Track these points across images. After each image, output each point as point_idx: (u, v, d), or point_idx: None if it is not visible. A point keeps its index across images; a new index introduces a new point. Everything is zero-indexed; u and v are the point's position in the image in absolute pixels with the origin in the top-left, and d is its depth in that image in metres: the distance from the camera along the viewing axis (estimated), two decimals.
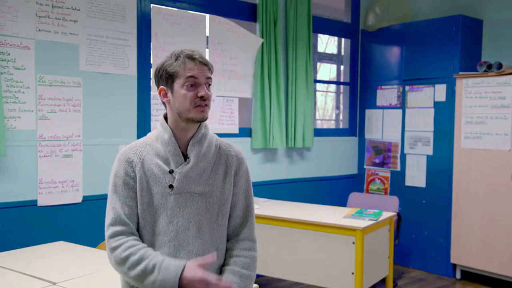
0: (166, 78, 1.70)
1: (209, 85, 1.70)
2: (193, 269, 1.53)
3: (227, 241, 1.81)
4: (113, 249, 1.64)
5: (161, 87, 1.72)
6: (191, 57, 1.67)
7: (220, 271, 1.78)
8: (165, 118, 1.76)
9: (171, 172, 1.69)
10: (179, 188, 1.68)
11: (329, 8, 6.39)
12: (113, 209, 1.68)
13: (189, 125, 1.70)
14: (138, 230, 1.73)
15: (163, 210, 1.68)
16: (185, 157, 1.71)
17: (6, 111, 3.11)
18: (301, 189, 4.86)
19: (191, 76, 1.65)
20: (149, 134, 1.79)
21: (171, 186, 1.68)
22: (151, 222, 1.69)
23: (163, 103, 1.74)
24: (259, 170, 4.51)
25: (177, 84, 1.67)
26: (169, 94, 1.71)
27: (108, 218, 1.68)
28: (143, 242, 1.72)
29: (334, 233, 3.32)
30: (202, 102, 1.65)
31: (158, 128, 1.74)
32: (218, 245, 1.76)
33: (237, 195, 1.79)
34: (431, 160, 4.78)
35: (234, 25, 4.30)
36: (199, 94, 1.65)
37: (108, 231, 1.67)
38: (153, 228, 1.70)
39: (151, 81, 3.79)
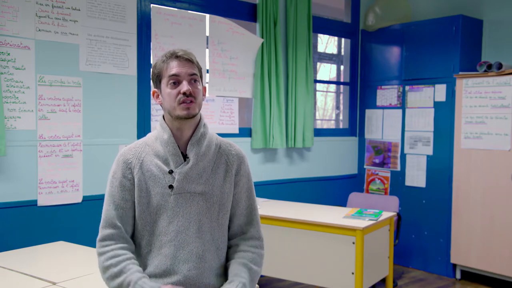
0: (155, 79, 1.73)
1: (195, 80, 1.69)
2: None
3: (233, 238, 1.81)
4: (99, 254, 1.66)
5: (153, 89, 1.75)
6: (173, 55, 1.68)
7: (222, 270, 1.78)
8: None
9: (170, 172, 1.69)
10: (179, 188, 1.68)
11: (329, 8, 6.39)
12: (106, 211, 1.70)
13: (183, 124, 1.70)
14: (136, 231, 1.73)
15: (163, 211, 1.68)
16: (185, 157, 1.71)
17: (6, 111, 3.11)
18: (301, 189, 4.86)
19: (172, 74, 1.66)
20: (149, 135, 1.80)
21: (171, 187, 1.68)
22: (151, 223, 1.69)
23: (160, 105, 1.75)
24: (259, 170, 4.51)
25: (163, 84, 1.70)
26: (160, 96, 1.73)
27: (102, 219, 1.70)
28: (142, 243, 1.72)
29: (334, 233, 3.32)
30: (187, 99, 1.65)
31: (158, 129, 1.75)
32: (219, 244, 1.76)
33: (239, 194, 1.79)
34: (431, 160, 4.78)
35: (234, 25, 4.30)
36: (182, 91, 1.65)
37: (99, 234, 1.69)
38: (153, 229, 1.70)
39: (151, 81, 3.78)
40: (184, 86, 1.65)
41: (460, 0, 4.88)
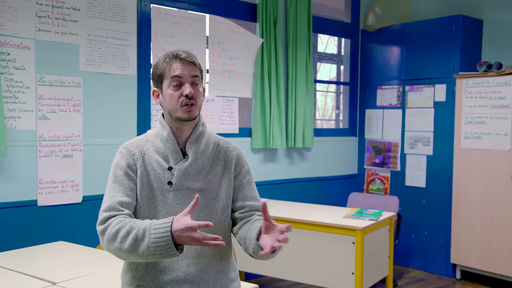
0: (156, 79, 1.74)
1: (196, 83, 1.70)
2: (179, 220, 1.48)
3: (242, 225, 1.80)
4: (102, 231, 1.60)
5: (154, 88, 1.76)
6: (176, 57, 1.69)
7: (222, 266, 1.77)
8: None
9: (170, 168, 1.70)
10: (177, 184, 1.70)
11: (329, 8, 6.39)
12: (111, 197, 1.65)
13: (182, 124, 1.72)
14: None
15: (162, 207, 1.69)
16: (184, 154, 1.73)
17: (6, 111, 3.11)
18: (301, 189, 4.86)
19: (175, 76, 1.67)
20: (148, 132, 1.82)
21: (170, 183, 1.69)
22: (149, 218, 1.69)
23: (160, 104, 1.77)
24: (259, 170, 4.51)
25: (165, 84, 1.70)
26: (160, 95, 1.74)
27: (104, 205, 1.65)
28: None
29: (334, 233, 3.32)
30: (188, 101, 1.66)
31: (158, 126, 1.77)
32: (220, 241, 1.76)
33: (239, 187, 1.81)
34: (431, 160, 4.78)
35: (234, 25, 4.30)
36: (184, 93, 1.66)
37: (99, 217, 1.63)
38: None
39: (151, 81, 3.78)
40: (187, 89, 1.66)
41: (460, 0, 4.88)
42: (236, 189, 1.81)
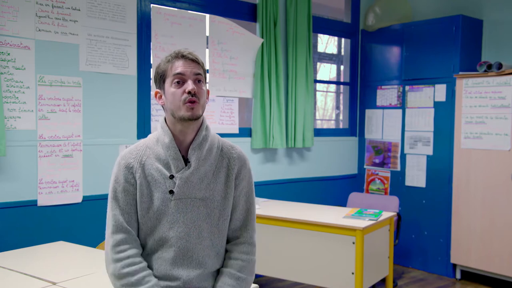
0: (159, 79, 1.69)
1: (199, 81, 1.66)
2: None
3: (226, 243, 1.78)
4: (115, 260, 1.62)
5: (156, 90, 1.71)
6: (178, 55, 1.65)
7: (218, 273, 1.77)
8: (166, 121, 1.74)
9: (171, 177, 1.66)
10: (179, 193, 1.65)
11: (329, 8, 6.39)
12: (113, 216, 1.66)
13: (185, 126, 1.66)
14: (138, 236, 1.71)
15: (163, 216, 1.66)
16: (186, 161, 1.68)
17: (6, 111, 3.11)
18: (301, 189, 4.86)
19: (177, 73, 1.63)
20: (149, 136, 1.76)
21: (171, 192, 1.66)
22: (151, 228, 1.67)
23: (162, 106, 1.72)
24: (259, 170, 4.51)
25: (167, 83, 1.65)
26: (163, 96, 1.69)
27: (109, 226, 1.65)
28: (143, 248, 1.70)
29: (334, 233, 3.32)
30: (191, 98, 1.61)
31: (159, 131, 1.71)
32: (219, 249, 1.74)
33: (237, 198, 1.76)
34: (431, 160, 4.78)
35: (234, 25, 4.30)
36: (186, 90, 1.61)
37: (111, 240, 1.64)
38: (153, 233, 1.67)
39: (151, 81, 3.79)
40: (190, 85, 1.61)
41: (460, 0, 4.88)
42: (234, 199, 1.76)
